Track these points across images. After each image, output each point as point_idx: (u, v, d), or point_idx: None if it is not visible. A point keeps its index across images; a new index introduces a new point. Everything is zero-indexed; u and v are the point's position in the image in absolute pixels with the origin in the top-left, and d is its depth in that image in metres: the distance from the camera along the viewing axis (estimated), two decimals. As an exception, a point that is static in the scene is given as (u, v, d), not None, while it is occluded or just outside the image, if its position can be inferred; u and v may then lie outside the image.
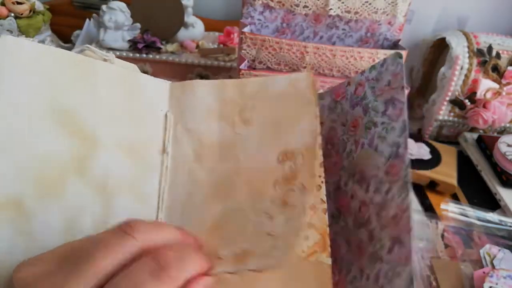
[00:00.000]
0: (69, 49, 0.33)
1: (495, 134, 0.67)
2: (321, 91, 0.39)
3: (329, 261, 0.29)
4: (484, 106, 0.64)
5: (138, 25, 0.64)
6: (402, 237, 0.28)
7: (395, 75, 0.32)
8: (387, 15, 0.53)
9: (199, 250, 0.24)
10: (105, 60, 0.35)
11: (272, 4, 0.52)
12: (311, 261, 0.29)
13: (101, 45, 0.65)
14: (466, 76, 0.64)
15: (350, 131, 0.36)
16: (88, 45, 0.35)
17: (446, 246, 0.46)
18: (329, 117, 0.39)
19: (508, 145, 0.59)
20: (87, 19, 0.70)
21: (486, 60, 0.63)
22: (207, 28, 0.76)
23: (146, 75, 0.34)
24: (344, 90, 0.37)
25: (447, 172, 0.58)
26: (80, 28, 0.70)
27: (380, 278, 0.28)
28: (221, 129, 0.34)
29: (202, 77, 0.68)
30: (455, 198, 0.56)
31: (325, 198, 0.31)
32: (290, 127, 0.34)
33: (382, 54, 0.51)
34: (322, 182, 0.32)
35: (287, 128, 0.34)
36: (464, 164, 0.63)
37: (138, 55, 0.65)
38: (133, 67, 0.37)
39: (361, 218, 0.32)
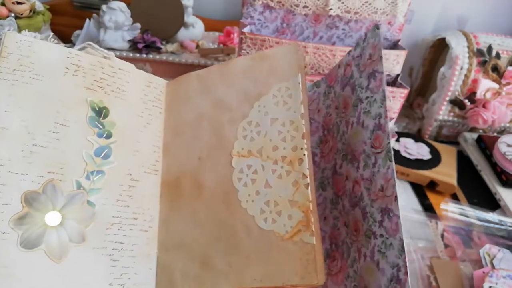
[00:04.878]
0: (69, 49, 0.34)
1: (495, 134, 0.68)
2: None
3: (313, 240, 0.28)
4: (484, 106, 0.64)
5: (138, 25, 0.64)
6: (389, 206, 0.28)
7: (374, 47, 0.32)
8: (387, 15, 0.53)
9: None
10: (105, 57, 0.36)
11: (272, 4, 0.52)
12: (295, 241, 0.29)
13: (101, 45, 0.65)
14: (466, 76, 0.64)
15: (342, 112, 0.35)
16: (90, 42, 0.35)
17: (446, 246, 0.46)
18: (325, 103, 0.39)
19: (508, 145, 0.59)
20: (87, 19, 0.70)
21: (486, 60, 0.63)
22: (207, 28, 0.76)
23: None
24: (336, 73, 0.37)
25: (447, 172, 0.58)
26: (80, 28, 0.70)
27: (375, 254, 0.28)
28: None
29: (202, 77, 0.68)
30: (455, 198, 0.56)
31: (307, 172, 0.30)
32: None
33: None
34: (304, 155, 0.30)
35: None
36: (464, 164, 0.63)
37: (138, 55, 0.65)
38: (132, 67, 0.37)
39: (354, 197, 0.32)
